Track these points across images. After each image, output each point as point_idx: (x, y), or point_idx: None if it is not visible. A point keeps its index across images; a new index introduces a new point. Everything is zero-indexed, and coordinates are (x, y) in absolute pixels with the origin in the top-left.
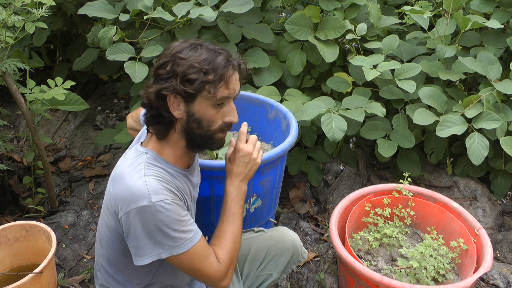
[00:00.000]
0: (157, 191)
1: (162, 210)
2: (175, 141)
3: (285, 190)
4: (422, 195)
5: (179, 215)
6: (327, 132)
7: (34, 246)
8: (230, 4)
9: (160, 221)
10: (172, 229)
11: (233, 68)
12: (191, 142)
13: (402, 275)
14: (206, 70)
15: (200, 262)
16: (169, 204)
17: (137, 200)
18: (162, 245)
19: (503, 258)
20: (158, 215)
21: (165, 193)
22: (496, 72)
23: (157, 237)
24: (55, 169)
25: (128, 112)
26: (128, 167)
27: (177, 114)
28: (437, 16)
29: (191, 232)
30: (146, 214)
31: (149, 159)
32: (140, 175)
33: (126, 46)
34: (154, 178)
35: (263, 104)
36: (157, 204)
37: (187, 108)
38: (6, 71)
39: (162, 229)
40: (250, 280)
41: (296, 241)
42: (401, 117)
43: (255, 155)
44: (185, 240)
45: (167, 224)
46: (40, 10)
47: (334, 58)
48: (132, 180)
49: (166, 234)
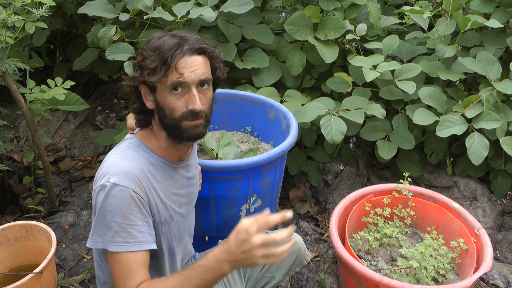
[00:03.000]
0: (120, 174)
1: (114, 193)
2: (157, 131)
3: (285, 190)
4: (422, 195)
5: (129, 210)
6: (326, 135)
7: (34, 246)
8: (230, 4)
9: (107, 204)
10: (113, 220)
11: (183, 52)
12: (167, 132)
13: (402, 275)
14: (154, 58)
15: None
16: (124, 192)
17: (102, 178)
18: (101, 232)
19: (503, 258)
20: (108, 197)
21: (127, 180)
22: (496, 72)
23: (99, 221)
24: (55, 169)
25: (128, 112)
26: (111, 151)
27: (149, 105)
28: (437, 16)
29: (132, 238)
30: (100, 194)
31: (131, 144)
32: (115, 156)
33: (126, 46)
34: (128, 161)
35: (263, 104)
36: (111, 187)
37: (154, 98)
38: (6, 71)
39: (106, 215)
40: (253, 282)
41: (300, 244)
42: (401, 118)
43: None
44: (122, 239)
45: (111, 211)
46: (40, 10)
47: (333, 58)
48: (106, 161)
49: (107, 223)
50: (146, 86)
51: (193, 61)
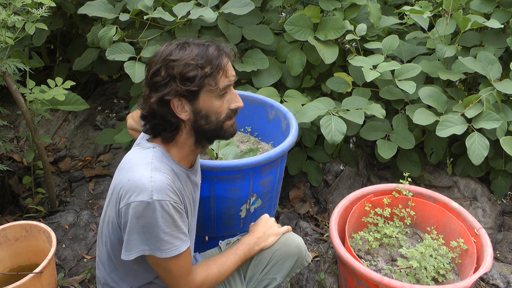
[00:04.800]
0: (160, 189)
1: (160, 209)
2: (182, 141)
3: (285, 190)
4: (422, 195)
5: (175, 219)
6: (326, 135)
7: (34, 246)
8: (231, 5)
9: (155, 220)
10: (163, 231)
11: (226, 55)
12: (201, 138)
13: (402, 275)
14: (202, 65)
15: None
16: (168, 206)
17: (139, 193)
18: (148, 243)
19: (503, 258)
20: (155, 214)
21: (168, 193)
22: (496, 72)
23: (146, 235)
24: (55, 169)
25: (128, 112)
26: (135, 160)
27: (184, 116)
28: (437, 16)
29: (180, 240)
30: (143, 210)
31: (156, 153)
32: (147, 168)
33: (126, 46)
34: (161, 174)
35: (263, 104)
36: (157, 203)
37: (193, 107)
38: (6, 71)
39: (154, 229)
40: (253, 284)
41: (301, 246)
42: (401, 118)
43: (274, 227)
44: (172, 245)
45: (160, 225)
46: (40, 10)
47: (333, 59)
48: (138, 173)
49: (156, 235)
50: (183, 97)
51: (231, 64)
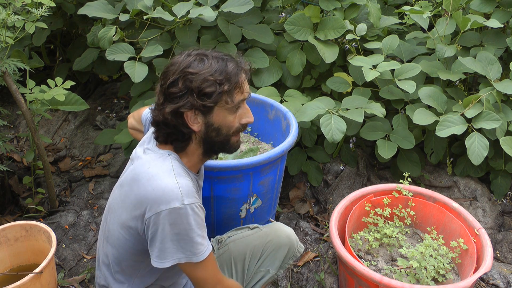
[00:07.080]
0: (189, 193)
1: (192, 213)
2: (192, 151)
3: (285, 190)
4: (422, 195)
5: (203, 220)
6: (326, 133)
7: (34, 246)
8: (230, 4)
9: (188, 225)
10: (197, 234)
11: (244, 72)
12: (209, 150)
13: (402, 275)
14: (220, 81)
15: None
16: (198, 208)
17: (170, 201)
18: (184, 250)
19: (503, 258)
20: (188, 218)
21: (195, 196)
22: (496, 72)
23: (182, 241)
24: (55, 169)
25: (128, 112)
26: (154, 168)
27: (196, 128)
28: (437, 16)
29: (207, 240)
30: (177, 216)
31: (174, 160)
32: (171, 175)
33: (126, 46)
34: (184, 178)
35: (263, 104)
36: (189, 207)
37: (206, 120)
38: (6, 71)
39: (189, 233)
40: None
41: (292, 236)
42: (401, 118)
43: None
44: (204, 247)
45: (194, 229)
46: (40, 10)
47: (333, 58)
48: (163, 181)
49: (191, 239)
50: (197, 110)
51: (246, 81)
